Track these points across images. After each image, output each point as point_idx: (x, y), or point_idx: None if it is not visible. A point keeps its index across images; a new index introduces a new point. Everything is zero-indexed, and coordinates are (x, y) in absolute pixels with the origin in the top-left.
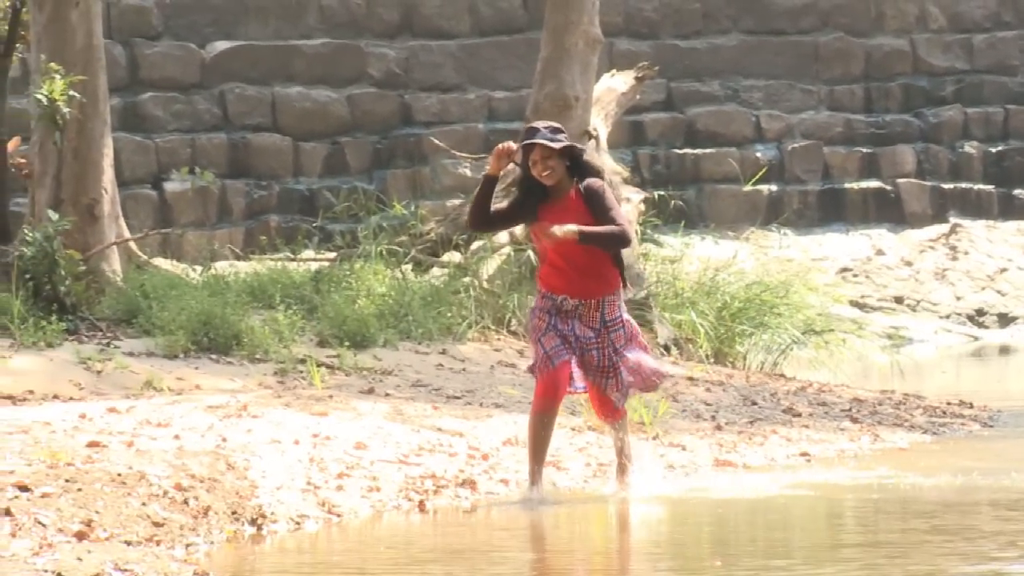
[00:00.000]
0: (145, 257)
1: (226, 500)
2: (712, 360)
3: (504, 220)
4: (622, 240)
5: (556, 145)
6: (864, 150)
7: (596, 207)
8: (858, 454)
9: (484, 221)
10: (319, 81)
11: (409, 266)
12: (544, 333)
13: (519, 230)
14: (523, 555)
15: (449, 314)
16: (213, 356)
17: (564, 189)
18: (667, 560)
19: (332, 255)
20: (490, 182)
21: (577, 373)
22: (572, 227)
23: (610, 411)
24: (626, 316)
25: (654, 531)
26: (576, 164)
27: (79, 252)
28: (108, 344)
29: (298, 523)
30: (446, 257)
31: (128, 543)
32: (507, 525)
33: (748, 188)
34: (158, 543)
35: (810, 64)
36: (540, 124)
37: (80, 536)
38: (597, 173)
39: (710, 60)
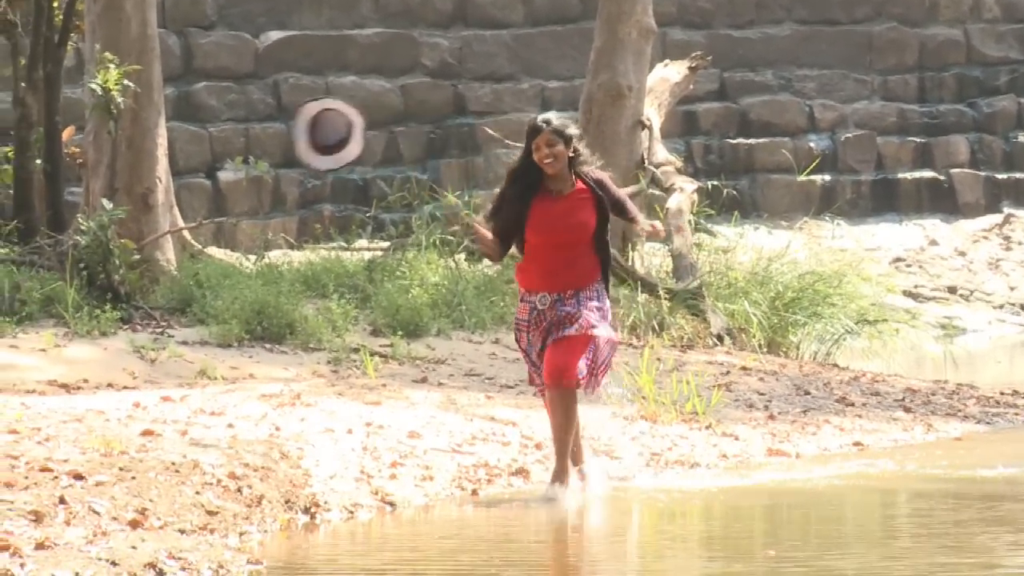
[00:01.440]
0: (199, 246)
1: (279, 489)
2: (765, 350)
3: (510, 236)
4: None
5: (570, 131)
6: (918, 140)
7: (608, 193)
8: (911, 444)
9: (503, 253)
10: (373, 71)
11: (462, 255)
12: (526, 360)
13: None
14: (574, 544)
15: (502, 303)
16: (267, 345)
17: (566, 183)
18: (719, 550)
19: (385, 244)
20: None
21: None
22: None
23: (562, 369)
24: (604, 304)
25: (707, 521)
26: (575, 156)
27: (133, 241)
28: (162, 333)
29: (351, 512)
30: None
31: (182, 531)
32: (558, 515)
33: (802, 178)
34: (212, 532)
35: (864, 54)
36: (552, 113)
37: (134, 524)
38: (590, 165)
39: (763, 50)
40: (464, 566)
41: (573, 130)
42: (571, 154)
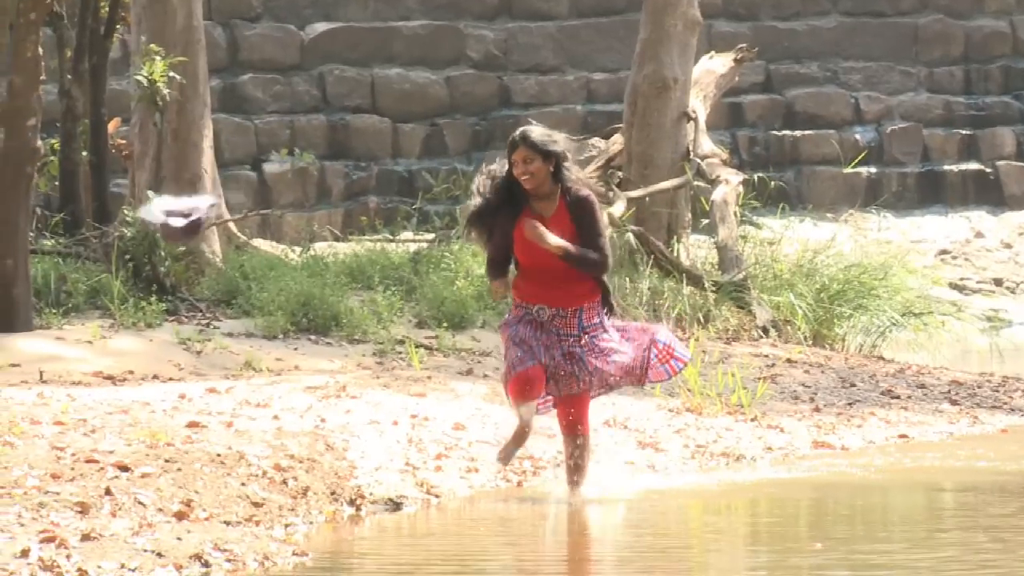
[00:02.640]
0: (244, 238)
1: (325, 481)
2: (811, 342)
3: (505, 259)
4: (602, 271)
5: (551, 146)
6: (963, 132)
7: (584, 225)
8: (957, 436)
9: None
10: (418, 63)
11: None
12: (508, 348)
13: (617, 209)
14: (619, 538)
15: None
16: (312, 337)
17: (547, 198)
18: (765, 543)
19: (431, 236)
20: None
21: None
22: (561, 242)
23: (575, 419)
24: (609, 323)
25: (753, 515)
26: (558, 172)
27: None
28: (208, 325)
29: (396, 504)
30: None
31: (227, 523)
32: (603, 508)
33: (847, 170)
34: (257, 523)
35: (909, 46)
36: (536, 127)
37: (180, 516)
38: (580, 184)
39: (809, 42)
40: (509, 559)
41: (556, 146)
42: (552, 170)
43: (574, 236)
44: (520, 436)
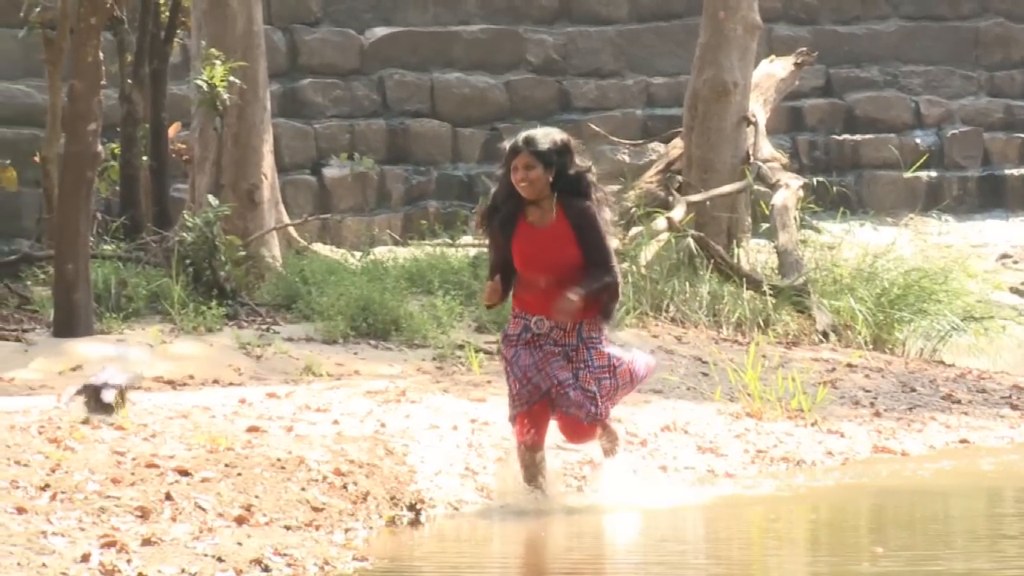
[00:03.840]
0: (304, 242)
1: (385, 485)
2: (871, 346)
3: (507, 268)
4: (617, 289)
5: (554, 153)
6: None
7: (586, 237)
8: (1018, 441)
9: (505, 292)
10: (478, 67)
11: None
12: (510, 374)
13: (677, 214)
14: (680, 544)
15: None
16: (372, 342)
17: (545, 212)
18: (825, 548)
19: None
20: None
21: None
22: (580, 294)
23: (580, 432)
24: (607, 347)
25: (813, 520)
26: (561, 177)
27: (239, 237)
28: (267, 329)
29: (456, 508)
30: None
31: (287, 528)
32: (669, 515)
33: (908, 175)
34: (317, 528)
35: (970, 50)
36: (539, 131)
37: (240, 521)
38: (586, 186)
39: (869, 46)
40: (569, 564)
41: (561, 156)
42: (551, 179)
43: (575, 247)
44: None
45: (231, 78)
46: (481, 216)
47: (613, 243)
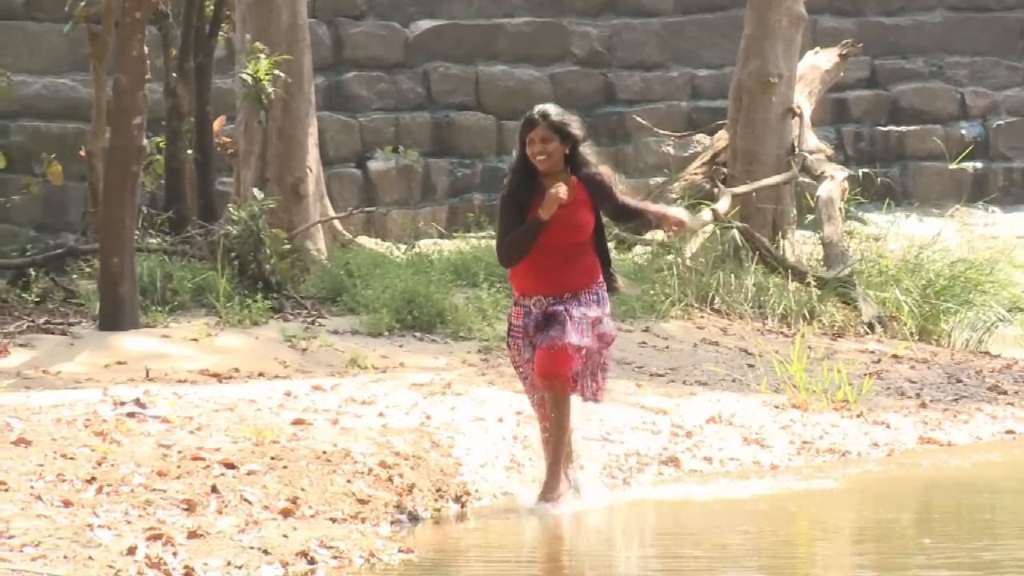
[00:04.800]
0: (349, 236)
1: (430, 478)
2: (917, 338)
3: None
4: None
5: (570, 128)
6: None
7: (600, 189)
8: None
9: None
10: (522, 60)
11: (612, 244)
12: (520, 378)
13: (722, 205)
14: (724, 537)
15: (652, 292)
16: (417, 334)
17: (557, 179)
18: (872, 539)
19: None
20: (541, 225)
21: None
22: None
23: (554, 359)
24: (598, 312)
25: (860, 511)
26: (573, 155)
27: (284, 231)
28: (313, 322)
29: (502, 501)
30: (649, 235)
31: (333, 520)
32: (713, 507)
33: (953, 166)
34: (363, 520)
35: (1015, 40)
36: (553, 106)
37: (286, 513)
38: (592, 166)
39: (914, 37)
40: (611, 557)
41: (574, 128)
42: (567, 152)
43: (592, 212)
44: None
45: (276, 72)
46: (507, 201)
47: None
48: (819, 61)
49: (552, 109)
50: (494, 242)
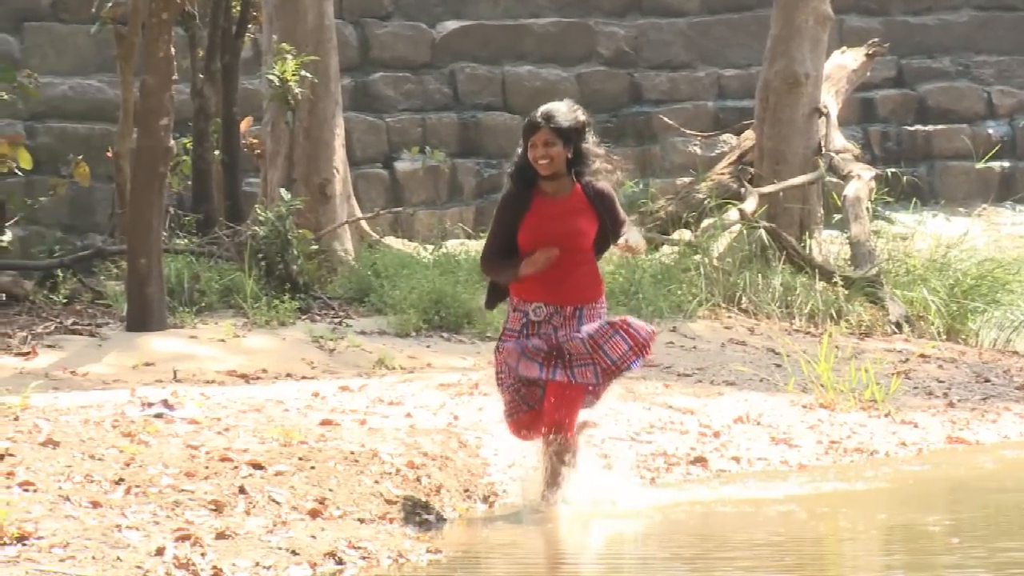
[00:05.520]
0: (376, 236)
1: (458, 478)
2: (944, 337)
3: (509, 245)
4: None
5: (574, 128)
6: None
7: (610, 214)
8: None
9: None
10: (549, 60)
11: None
12: (502, 386)
13: (749, 205)
14: (753, 537)
15: (679, 292)
16: (444, 335)
17: (563, 185)
18: (900, 541)
19: None
20: (517, 278)
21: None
22: (641, 240)
23: (568, 399)
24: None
25: (888, 511)
26: (577, 157)
27: (311, 231)
28: (340, 323)
29: (530, 501)
30: (676, 235)
31: (361, 521)
32: (742, 507)
33: (980, 165)
34: (391, 521)
35: None
36: (557, 106)
37: (314, 514)
38: (596, 169)
39: (941, 36)
40: (640, 555)
41: (577, 130)
42: (570, 155)
43: (595, 222)
44: (554, 473)
45: (302, 72)
46: (509, 201)
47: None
48: (846, 60)
49: (559, 111)
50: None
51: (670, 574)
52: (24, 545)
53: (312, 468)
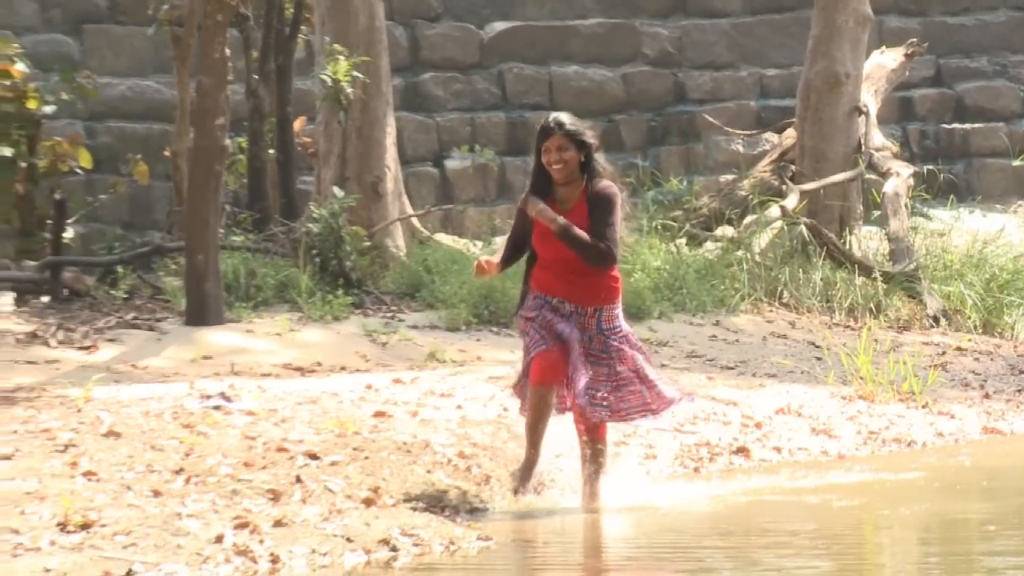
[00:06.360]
0: (427, 233)
1: (507, 468)
2: (980, 331)
3: (521, 242)
4: (601, 259)
5: (585, 136)
6: None
7: (596, 214)
8: None
9: (507, 262)
10: (595, 60)
11: (683, 240)
12: (531, 328)
13: (791, 202)
14: (794, 525)
15: (722, 287)
16: (493, 329)
17: (573, 192)
18: (937, 529)
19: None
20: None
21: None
22: (561, 219)
23: (592, 426)
24: (627, 329)
25: (924, 498)
26: (588, 162)
27: (364, 228)
28: (392, 317)
29: (576, 490)
30: (719, 231)
31: (413, 509)
32: (777, 499)
33: (1017, 163)
34: (442, 509)
35: None
36: (567, 115)
37: (368, 502)
38: (606, 176)
39: (978, 36)
40: (685, 547)
41: (589, 137)
42: (582, 160)
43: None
44: (529, 464)
45: (354, 73)
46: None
47: (621, 232)
48: (885, 60)
49: (567, 118)
50: None
51: (714, 561)
52: (88, 532)
53: (366, 458)
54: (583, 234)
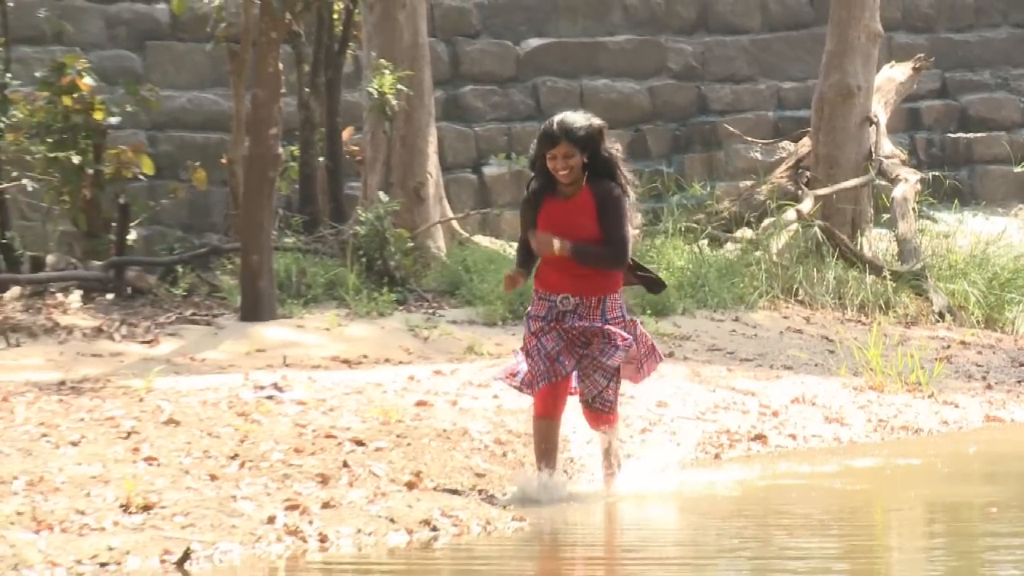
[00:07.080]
0: (466, 235)
1: None
2: (983, 325)
3: (529, 250)
4: (615, 264)
5: (592, 136)
6: None
7: (606, 216)
8: None
9: (528, 269)
10: (623, 74)
11: (705, 241)
12: (536, 352)
13: (806, 206)
14: (809, 508)
15: (741, 285)
16: None
17: (576, 186)
18: (942, 511)
19: (635, 232)
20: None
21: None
22: (569, 245)
23: (599, 418)
24: (629, 317)
25: (929, 482)
26: (594, 158)
27: (407, 230)
28: (433, 313)
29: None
30: (739, 233)
31: (453, 492)
32: (793, 483)
33: (1018, 169)
34: (480, 492)
35: None
36: (573, 116)
37: (410, 486)
38: (613, 168)
39: (982, 51)
40: (707, 531)
41: (593, 132)
42: (586, 160)
43: (596, 224)
44: (550, 454)
45: (399, 86)
46: (522, 205)
47: (631, 228)
48: (894, 74)
49: (575, 121)
50: None
51: (735, 542)
52: (149, 514)
53: (408, 444)
54: (593, 249)
